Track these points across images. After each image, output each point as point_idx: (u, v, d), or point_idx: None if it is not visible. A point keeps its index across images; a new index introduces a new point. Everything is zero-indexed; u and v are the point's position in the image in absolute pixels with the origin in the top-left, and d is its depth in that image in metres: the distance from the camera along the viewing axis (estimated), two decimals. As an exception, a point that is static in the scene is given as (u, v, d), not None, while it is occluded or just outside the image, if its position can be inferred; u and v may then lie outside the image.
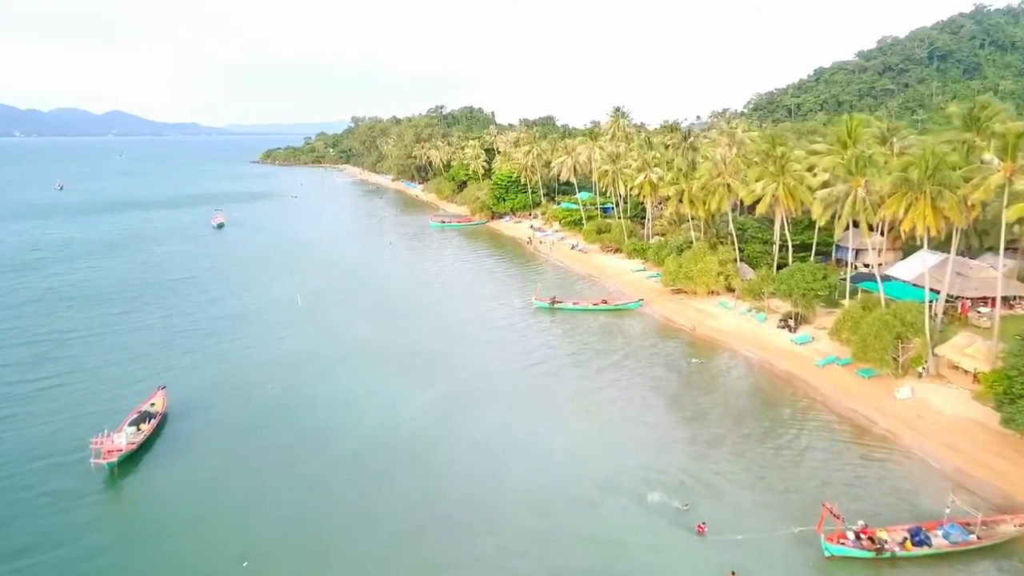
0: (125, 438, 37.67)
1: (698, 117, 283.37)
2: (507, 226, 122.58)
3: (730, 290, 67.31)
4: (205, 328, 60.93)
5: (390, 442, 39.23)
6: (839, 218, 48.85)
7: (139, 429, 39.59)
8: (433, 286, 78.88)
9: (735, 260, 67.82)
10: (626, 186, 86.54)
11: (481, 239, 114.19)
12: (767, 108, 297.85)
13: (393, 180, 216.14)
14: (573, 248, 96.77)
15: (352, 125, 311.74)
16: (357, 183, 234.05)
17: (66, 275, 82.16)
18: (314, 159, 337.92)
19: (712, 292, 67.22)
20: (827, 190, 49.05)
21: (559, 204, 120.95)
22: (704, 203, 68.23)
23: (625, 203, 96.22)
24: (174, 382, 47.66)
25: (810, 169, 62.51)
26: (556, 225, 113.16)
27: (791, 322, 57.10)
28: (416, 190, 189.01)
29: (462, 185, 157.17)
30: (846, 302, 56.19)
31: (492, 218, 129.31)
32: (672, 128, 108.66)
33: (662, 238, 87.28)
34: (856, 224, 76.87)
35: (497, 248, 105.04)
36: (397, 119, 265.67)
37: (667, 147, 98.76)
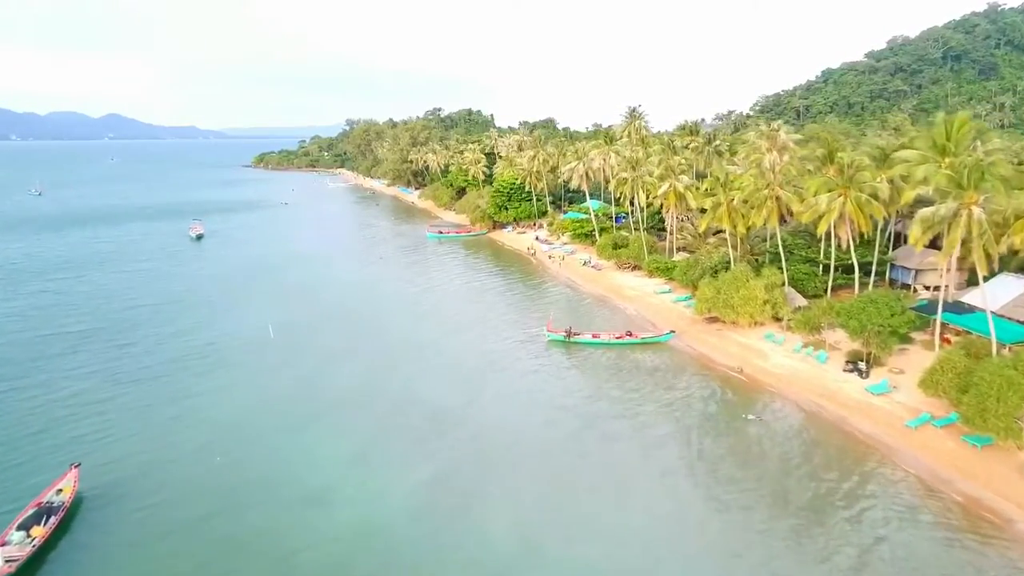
0: (2, 556, 27.48)
1: (702, 119, 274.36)
2: (510, 237, 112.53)
3: (776, 319, 57.33)
4: (155, 374, 50.53)
5: (367, 562, 28.97)
6: (945, 243, 38.69)
7: (29, 535, 29.41)
8: (427, 312, 68.71)
9: (783, 284, 57.80)
10: (647, 196, 76.49)
11: (482, 252, 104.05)
12: (774, 110, 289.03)
13: (388, 185, 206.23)
14: (585, 264, 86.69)
15: (347, 128, 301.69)
16: (352, 188, 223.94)
17: (5, 305, 71.45)
18: (308, 163, 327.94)
19: (755, 322, 57.13)
20: (930, 209, 39.08)
21: (565, 213, 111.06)
22: (745, 218, 58.25)
23: (640, 212, 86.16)
24: (99, 453, 37.61)
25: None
26: (564, 237, 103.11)
27: (862, 365, 47.01)
28: (412, 196, 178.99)
29: (461, 192, 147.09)
30: (933, 341, 46.11)
31: (493, 228, 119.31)
32: (692, 130, 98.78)
33: (688, 255, 77.18)
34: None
35: (500, 263, 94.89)
36: (393, 122, 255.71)
37: (686, 148, 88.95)
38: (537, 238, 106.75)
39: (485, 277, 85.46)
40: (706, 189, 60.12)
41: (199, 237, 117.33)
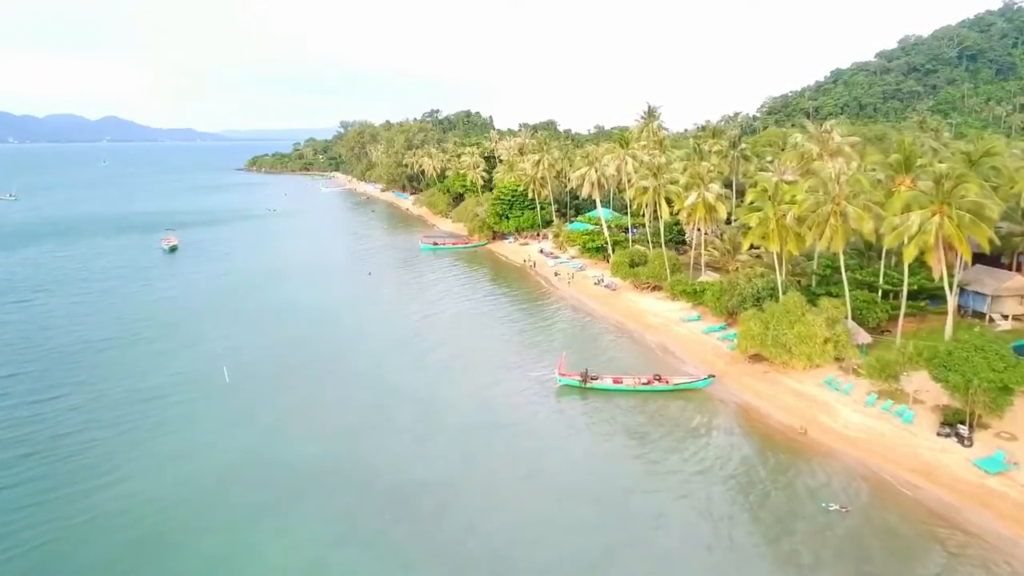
0: None
1: (708, 121, 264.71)
2: (511, 249, 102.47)
3: (836, 359, 47.27)
4: (73, 442, 40.02)
5: None
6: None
7: None
8: (415, 346, 58.46)
9: (846, 317, 47.81)
10: (671, 207, 66.51)
11: (481, 267, 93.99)
12: (782, 111, 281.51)
13: (383, 190, 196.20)
14: (598, 283, 76.56)
15: (341, 130, 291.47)
16: (345, 193, 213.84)
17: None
18: (302, 166, 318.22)
19: (813, 365, 47.00)
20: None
21: (571, 223, 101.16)
22: (799, 237, 48.21)
23: (661, 224, 76.14)
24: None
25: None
26: (572, 250, 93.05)
27: (963, 429, 36.97)
28: (407, 202, 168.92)
29: (458, 198, 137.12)
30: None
31: (493, 239, 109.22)
32: (715, 132, 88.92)
33: (713, 272, 67.18)
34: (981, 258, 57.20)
35: (501, 281, 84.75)
36: (389, 124, 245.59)
37: (711, 153, 79.15)
38: (541, 251, 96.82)
39: (484, 299, 75.33)
40: (750, 202, 50.00)
41: (172, 249, 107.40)
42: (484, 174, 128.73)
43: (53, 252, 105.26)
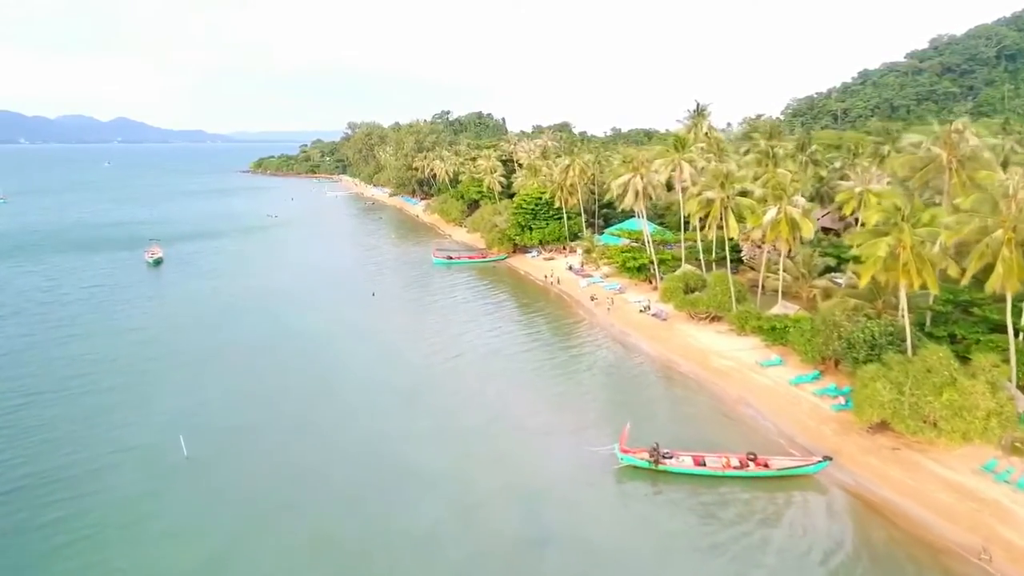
0: None
1: (728, 124, 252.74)
2: (535, 265, 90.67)
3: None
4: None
5: None
6: None
7: None
8: (429, 401, 46.30)
9: (1009, 380, 35.74)
10: (740, 223, 54.54)
11: (503, 287, 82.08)
12: (808, 113, 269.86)
13: (391, 195, 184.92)
14: (644, 311, 64.59)
15: (348, 132, 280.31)
16: (351, 198, 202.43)
17: None
18: (308, 168, 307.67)
19: (964, 441, 34.96)
20: None
21: (601, 235, 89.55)
22: (934, 268, 36.22)
23: (706, 238, 64.10)
24: None
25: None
26: (605, 268, 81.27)
27: None
28: (417, 208, 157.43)
29: (473, 205, 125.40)
30: None
31: (514, 252, 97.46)
32: (772, 131, 76.82)
33: (795, 306, 55.18)
34: None
35: (529, 306, 72.73)
36: (398, 125, 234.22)
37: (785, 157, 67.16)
38: (570, 267, 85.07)
39: (510, 330, 63.35)
40: (880, 222, 37.82)
41: (157, 262, 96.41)
42: (502, 179, 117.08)
43: (22, 267, 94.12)
